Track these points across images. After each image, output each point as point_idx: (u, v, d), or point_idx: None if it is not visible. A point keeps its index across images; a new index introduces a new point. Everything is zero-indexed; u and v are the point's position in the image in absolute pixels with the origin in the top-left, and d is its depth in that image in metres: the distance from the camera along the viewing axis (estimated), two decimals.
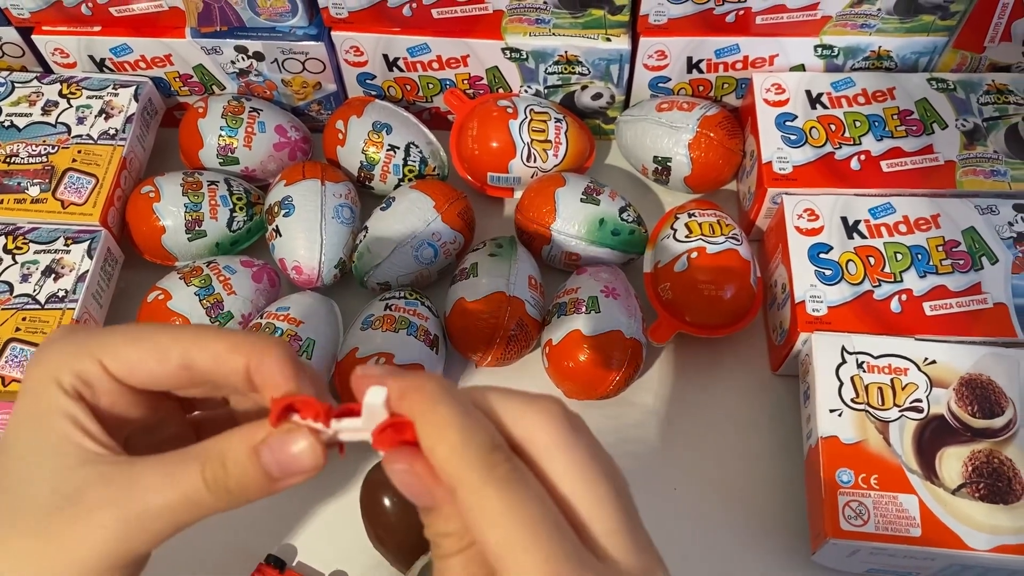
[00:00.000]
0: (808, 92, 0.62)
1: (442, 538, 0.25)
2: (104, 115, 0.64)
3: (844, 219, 0.57)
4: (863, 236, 0.57)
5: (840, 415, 0.51)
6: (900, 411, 0.51)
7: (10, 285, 0.57)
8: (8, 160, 0.61)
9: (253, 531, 0.54)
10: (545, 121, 0.63)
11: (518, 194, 0.65)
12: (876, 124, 0.61)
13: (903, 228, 0.57)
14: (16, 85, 0.65)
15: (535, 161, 0.63)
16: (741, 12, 0.60)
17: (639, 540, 0.24)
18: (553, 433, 0.25)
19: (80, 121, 0.63)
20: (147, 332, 0.28)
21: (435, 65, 0.65)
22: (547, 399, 0.25)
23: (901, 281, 0.55)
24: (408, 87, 0.67)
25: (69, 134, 0.63)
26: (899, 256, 0.56)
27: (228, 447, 0.26)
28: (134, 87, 0.65)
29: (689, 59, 0.63)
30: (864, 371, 0.52)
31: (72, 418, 0.27)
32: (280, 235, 0.60)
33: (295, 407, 0.26)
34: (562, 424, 0.25)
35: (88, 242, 0.59)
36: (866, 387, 0.52)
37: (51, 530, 0.26)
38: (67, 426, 0.27)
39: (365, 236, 0.60)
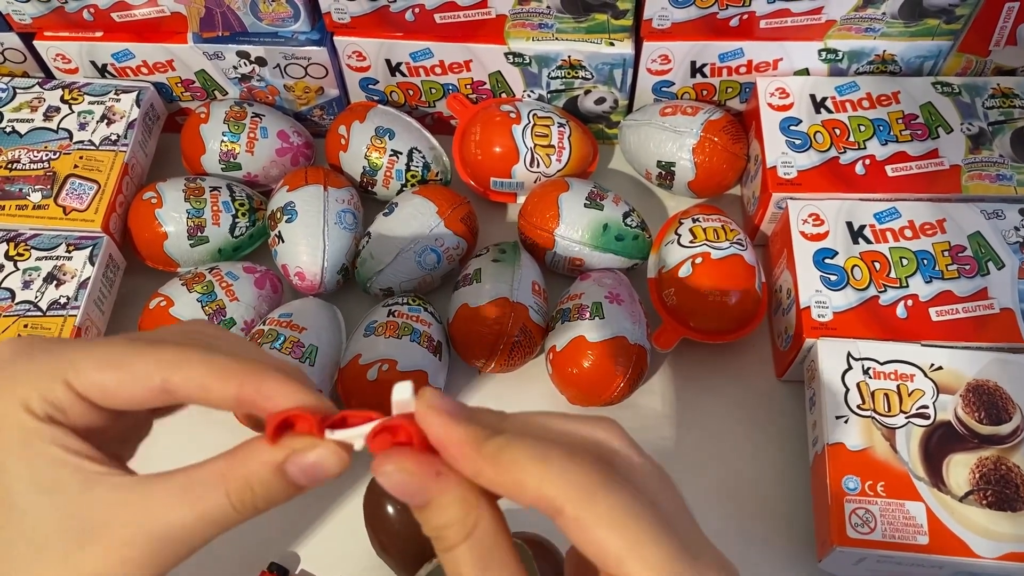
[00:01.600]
0: (812, 96, 0.62)
1: (444, 530, 0.25)
2: (106, 121, 0.63)
3: (849, 224, 0.57)
4: (868, 241, 0.56)
5: (846, 422, 0.51)
6: (907, 418, 0.51)
7: (12, 292, 0.57)
8: (10, 166, 0.61)
9: (255, 539, 0.54)
10: (548, 126, 0.62)
11: (521, 199, 0.65)
12: (881, 128, 0.60)
13: (909, 233, 0.57)
14: (18, 91, 0.65)
15: (538, 166, 0.63)
16: (745, 16, 0.60)
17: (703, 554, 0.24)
18: (572, 490, 0.24)
19: (82, 127, 0.63)
20: (121, 355, 0.26)
21: (438, 70, 0.64)
22: (576, 450, 0.25)
23: (907, 286, 0.55)
24: (411, 92, 0.67)
25: (71, 140, 0.62)
26: (905, 261, 0.56)
27: (252, 471, 0.26)
28: (136, 93, 0.65)
29: (693, 63, 0.63)
30: (870, 377, 0.52)
31: (57, 441, 0.26)
32: (282, 241, 0.59)
33: (290, 422, 0.26)
34: (585, 475, 0.24)
35: (90, 248, 0.58)
36: (872, 393, 0.51)
37: (74, 560, 0.25)
38: (55, 450, 0.25)
39: (368, 242, 0.60)
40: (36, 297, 0.56)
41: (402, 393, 0.26)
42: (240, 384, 0.26)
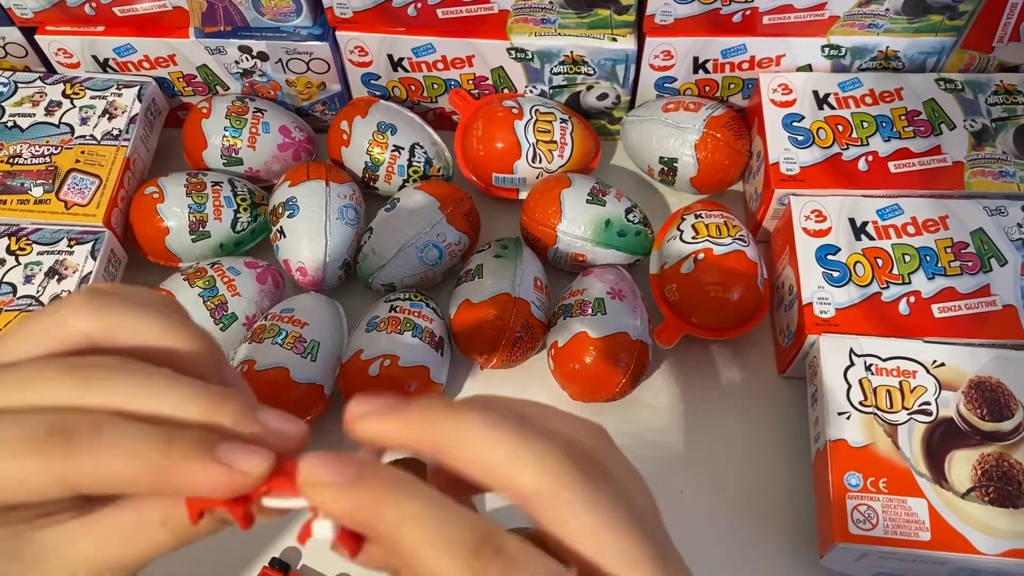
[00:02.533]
0: (815, 92, 0.62)
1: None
2: (107, 115, 0.63)
3: (852, 220, 0.57)
4: (871, 237, 0.56)
5: (848, 418, 0.51)
6: (909, 414, 0.50)
7: (13, 286, 0.57)
8: (11, 161, 0.61)
9: (257, 535, 0.54)
10: (551, 122, 0.62)
11: (523, 195, 0.64)
12: (884, 125, 0.60)
13: (911, 229, 0.57)
14: (19, 85, 0.65)
15: (540, 162, 0.62)
16: (748, 12, 0.59)
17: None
18: (558, 496, 0.22)
19: (83, 121, 0.63)
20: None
21: (440, 65, 0.64)
22: (540, 445, 0.22)
23: (909, 283, 0.55)
24: (413, 87, 0.67)
25: (72, 134, 0.62)
26: (907, 258, 0.55)
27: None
28: (138, 87, 0.65)
29: (695, 59, 0.63)
30: (872, 374, 0.52)
31: None
32: (284, 236, 0.59)
33: (211, 506, 0.23)
34: (565, 478, 0.22)
35: (91, 243, 0.58)
36: (874, 390, 0.51)
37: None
38: None
39: (370, 237, 0.60)
40: (38, 292, 0.56)
41: (323, 532, 0.23)
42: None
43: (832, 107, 0.61)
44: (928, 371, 0.52)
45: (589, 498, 0.22)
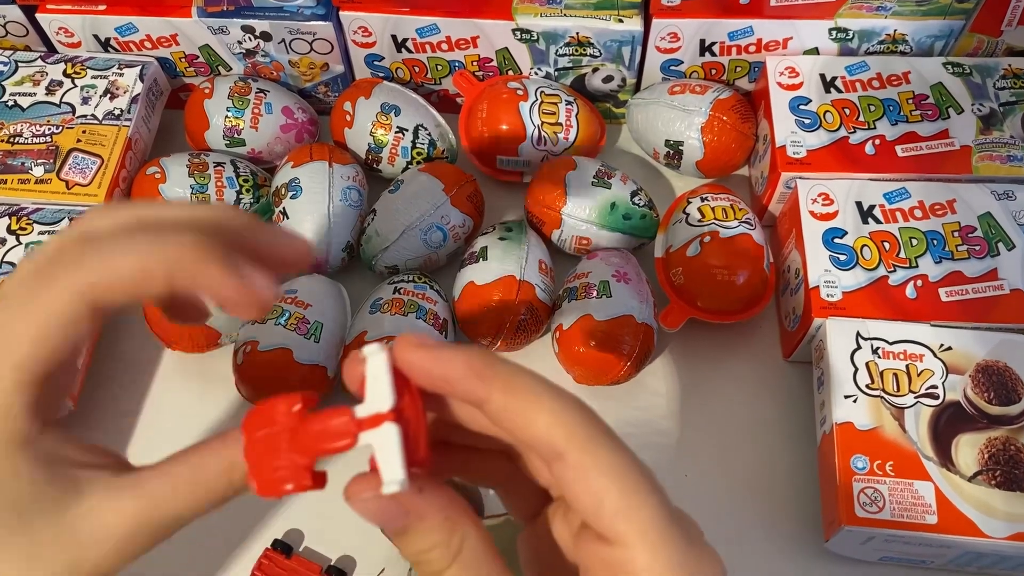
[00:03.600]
0: (822, 76, 0.62)
1: (427, 554, 0.23)
2: (109, 95, 0.63)
3: (859, 204, 0.57)
4: (878, 221, 0.56)
5: (855, 401, 0.50)
6: (916, 397, 0.50)
7: (14, 266, 0.56)
8: (12, 140, 0.61)
9: (258, 517, 0.54)
10: (556, 104, 0.62)
11: (528, 178, 0.64)
12: (891, 108, 0.60)
13: (918, 213, 0.56)
14: (20, 64, 0.64)
15: (545, 144, 0.62)
16: None
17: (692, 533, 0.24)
18: (579, 434, 0.23)
19: (85, 101, 0.62)
20: (31, 291, 0.23)
21: (444, 46, 0.64)
22: (562, 396, 0.23)
23: (916, 267, 0.54)
24: (416, 69, 0.66)
25: (74, 114, 0.62)
26: (914, 241, 0.55)
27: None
28: (139, 67, 0.64)
29: (702, 41, 0.62)
30: (879, 357, 0.51)
31: (46, 453, 0.24)
32: (287, 218, 0.59)
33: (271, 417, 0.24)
34: (589, 423, 0.23)
35: None
36: (881, 373, 0.51)
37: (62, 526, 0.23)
38: (43, 469, 0.23)
39: (373, 219, 0.59)
40: None
41: (374, 354, 0.23)
42: (166, 273, 0.23)
43: (839, 90, 0.61)
44: (935, 355, 0.51)
45: (615, 463, 0.23)
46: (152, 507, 0.24)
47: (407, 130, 0.62)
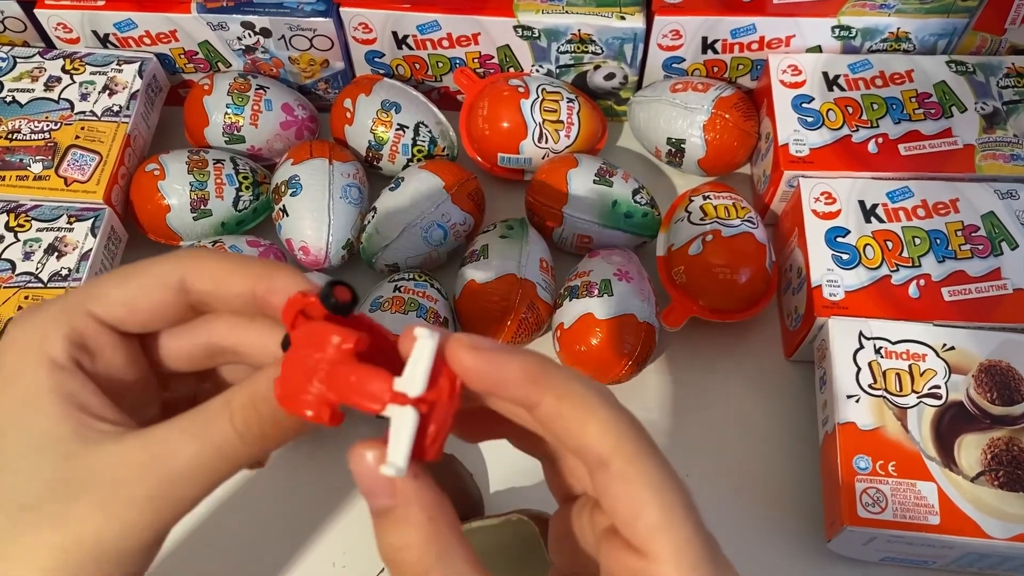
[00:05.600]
0: (825, 74, 0.61)
1: (400, 552, 0.23)
2: (108, 91, 0.62)
3: (861, 203, 0.56)
4: (881, 220, 0.56)
5: (857, 401, 0.50)
6: (918, 397, 0.50)
7: (12, 263, 0.56)
8: (10, 136, 0.60)
9: (263, 503, 0.53)
10: (557, 101, 0.62)
11: (529, 176, 0.64)
12: (894, 107, 0.60)
13: (921, 212, 0.56)
14: (18, 60, 0.64)
15: (547, 142, 0.62)
16: None
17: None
18: (626, 446, 0.23)
19: (83, 97, 0.62)
20: (139, 267, 0.26)
21: (445, 43, 0.63)
22: (614, 406, 0.24)
23: (919, 266, 0.54)
24: (417, 66, 0.66)
25: (72, 110, 0.61)
26: (917, 241, 0.55)
27: (256, 389, 0.24)
28: (138, 63, 0.64)
29: (704, 39, 0.62)
30: (882, 357, 0.51)
31: (66, 395, 0.24)
32: (287, 215, 0.59)
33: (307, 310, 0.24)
34: (638, 437, 0.23)
35: (91, 220, 0.57)
36: (884, 373, 0.51)
37: (63, 518, 0.23)
38: (58, 406, 0.24)
39: (373, 217, 0.59)
40: (37, 269, 0.56)
41: (424, 338, 0.23)
42: (254, 277, 0.25)
43: (842, 88, 0.61)
44: (938, 354, 0.51)
45: (658, 479, 0.23)
46: (164, 456, 0.24)
47: (408, 127, 0.62)
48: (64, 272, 0.55)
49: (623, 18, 0.61)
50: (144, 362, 0.28)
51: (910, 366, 0.51)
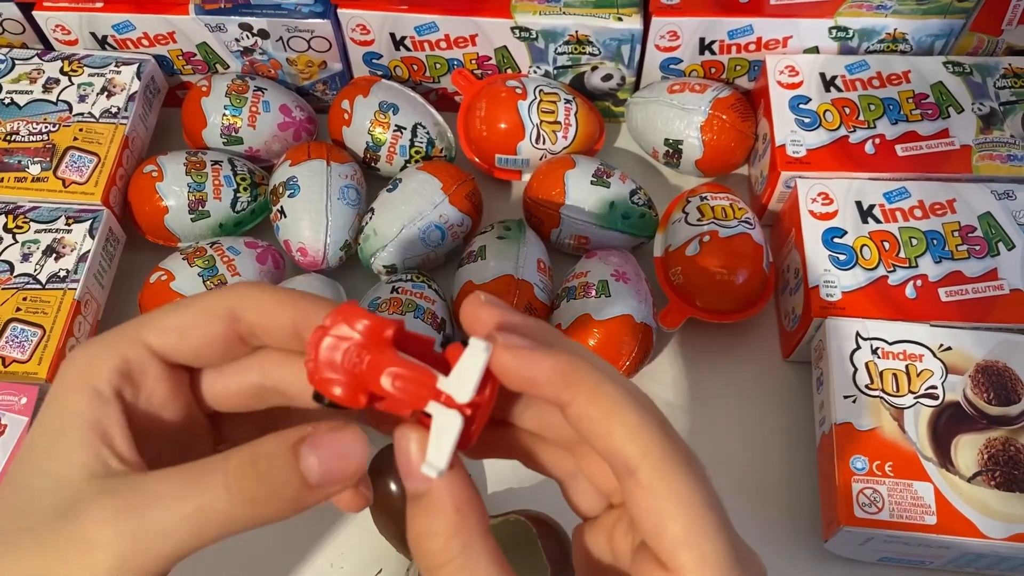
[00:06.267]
0: (822, 75, 0.61)
1: (426, 540, 0.23)
2: (106, 93, 0.62)
3: (858, 203, 0.56)
4: (878, 221, 0.56)
5: (854, 401, 0.50)
6: (915, 398, 0.50)
7: (11, 264, 0.56)
8: (8, 138, 0.60)
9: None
10: (555, 102, 0.62)
11: (526, 176, 0.64)
12: (891, 108, 0.60)
13: (918, 213, 0.56)
14: (16, 62, 0.64)
15: (544, 143, 0.62)
16: None
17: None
18: (654, 454, 0.23)
19: (82, 99, 0.62)
20: (191, 298, 0.26)
21: (443, 44, 0.64)
22: (645, 411, 0.23)
23: (916, 266, 0.54)
24: (415, 67, 0.66)
25: (70, 112, 0.62)
26: (914, 241, 0.55)
27: (262, 446, 0.23)
28: (136, 65, 0.64)
29: (701, 40, 0.62)
30: (879, 357, 0.51)
31: (96, 427, 0.24)
32: (285, 216, 0.59)
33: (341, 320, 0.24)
34: (667, 444, 0.23)
35: (90, 222, 0.58)
36: (881, 373, 0.51)
37: (47, 549, 0.22)
38: (86, 434, 0.24)
39: (371, 218, 0.59)
40: (35, 270, 0.56)
41: (477, 348, 0.23)
42: (298, 310, 0.25)
43: (839, 89, 0.61)
44: (935, 355, 0.51)
45: (686, 491, 0.23)
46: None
47: (405, 128, 0.62)
48: (62, 273, 0.55)
49: (620, 19, 0.61)
50: (190, 399, 0.27)
51: (907, 366, 0.51)
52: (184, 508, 0.22)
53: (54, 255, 0.56)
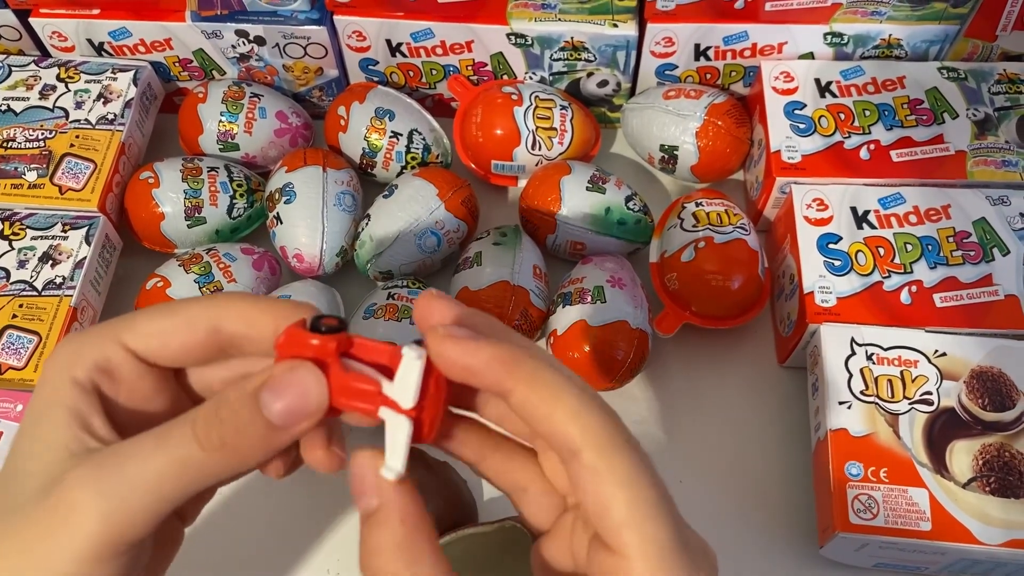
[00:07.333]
0: (817, 80, 0.61)
1: (375, 556, 0.23)
2: (103, 100, 0.63)
3: (853, 209, 0.57)
4: (873, 226, 0.56)
5: (849, 407, 0.50)
6: (910, 404, 0.50)
7: (7, 271, 0.56)
8: (5, 145, 0.60)
9: (258, 511, 0.54)
10: (550, 108, 0.62)
11: (522, 182, 0.64)
12: (886, 113, 0.60)
13: (913, 219, 0.56)
14: (13, 69, 0.64)
15: (540, 149, 0.62)
16: None
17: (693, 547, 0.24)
18: (596, 435, 0.23)
19: (78, 106, 0.62)
20: (174, 305, 0.27)
21: (439, 51, 0.64)
22: (585, 395, 0.24)
23: (911, 272, 0.54)
24: (411, 73, 0.66)
25: (67, 119, 0.62)
26: (909, 247, 0.55)
27: (223, 396, 0.24)
28: (133, 72, 0.64)
29: (697, 46, 0.62)
30: (874, 363, 0.51)
31: (74, 412, 0.25)
32: (281, 222, 0.59)
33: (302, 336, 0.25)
34: (608, 426, 0.23)
35: (86, 228, 0.58)
36: (875, 379, 0.51)
37: (33, 523, 0.23)
38: (66, 419, 0.25)
39: (367, 224, 0.59)
40: (31, 277, 0.56)
41: (410, 357, 0.24)
42: (279, 318, 0.26)
43: (834, 95, 0.61)
44: (930, 361, 0.51)
45: (628, 472, 0.23)
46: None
47: (401, 134, 0.62)
48: (59, 280, 0.56)
49: (616, 25, 0.61)
50: (177, 390, 0.28)
51: (902, 372, 0.51)
52: (159, 461, 0.24)
53: (50, 262, 0.56)
